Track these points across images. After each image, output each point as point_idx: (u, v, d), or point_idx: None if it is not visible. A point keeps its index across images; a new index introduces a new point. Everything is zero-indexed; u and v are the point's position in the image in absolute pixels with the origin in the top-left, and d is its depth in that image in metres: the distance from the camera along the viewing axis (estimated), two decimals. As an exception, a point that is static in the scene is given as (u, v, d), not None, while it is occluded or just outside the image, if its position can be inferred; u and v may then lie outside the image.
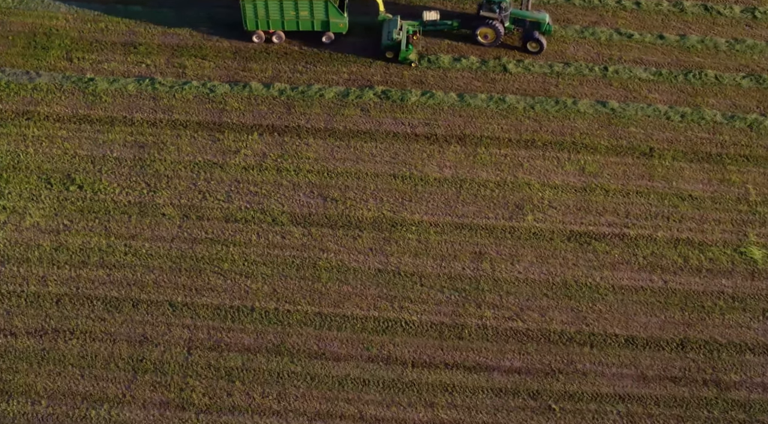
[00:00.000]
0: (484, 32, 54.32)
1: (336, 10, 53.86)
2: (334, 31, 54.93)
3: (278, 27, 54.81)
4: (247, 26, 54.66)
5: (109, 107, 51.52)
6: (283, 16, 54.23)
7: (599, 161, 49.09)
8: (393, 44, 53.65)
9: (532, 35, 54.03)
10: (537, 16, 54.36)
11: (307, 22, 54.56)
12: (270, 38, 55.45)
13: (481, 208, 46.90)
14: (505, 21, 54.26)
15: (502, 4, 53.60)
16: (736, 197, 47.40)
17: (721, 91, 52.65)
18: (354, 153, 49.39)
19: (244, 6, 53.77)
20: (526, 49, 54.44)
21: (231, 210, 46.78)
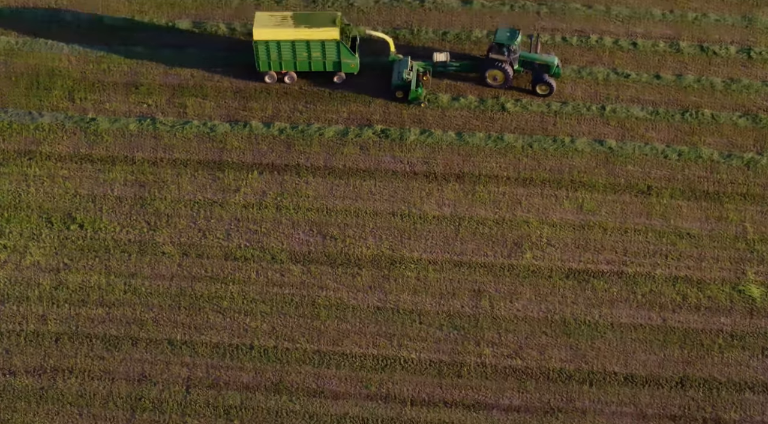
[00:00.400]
0: (494, 74, 54.64)
1: (348, 51, 54.37)
2: (345, 72, 55.40)
3: (290, 68, 55.29)
4: (260, 67, 55.14)
5: (110, 146, 51.93)
6: (296, 57, 54.73)
7: (597, 199, 49.34)
8: (403, 84, 54.09)
9: (542, 78, 54.29)
10: (546, 59, 54.69)
11: (319, 63, 55.06)
12: (282, 79, 55.91)
13: (480, 246, 47.07)
14: (514, 63, 54.55)
15: (512, 47, 53.95)
16: (734, 235, 47.56)
17: (718, 129, 53.04)
18: (353, 191, 49.68)
19: (257, 47, 54.29)
20: (536, 92, 54.67)
21: (230, 248, 46.97)
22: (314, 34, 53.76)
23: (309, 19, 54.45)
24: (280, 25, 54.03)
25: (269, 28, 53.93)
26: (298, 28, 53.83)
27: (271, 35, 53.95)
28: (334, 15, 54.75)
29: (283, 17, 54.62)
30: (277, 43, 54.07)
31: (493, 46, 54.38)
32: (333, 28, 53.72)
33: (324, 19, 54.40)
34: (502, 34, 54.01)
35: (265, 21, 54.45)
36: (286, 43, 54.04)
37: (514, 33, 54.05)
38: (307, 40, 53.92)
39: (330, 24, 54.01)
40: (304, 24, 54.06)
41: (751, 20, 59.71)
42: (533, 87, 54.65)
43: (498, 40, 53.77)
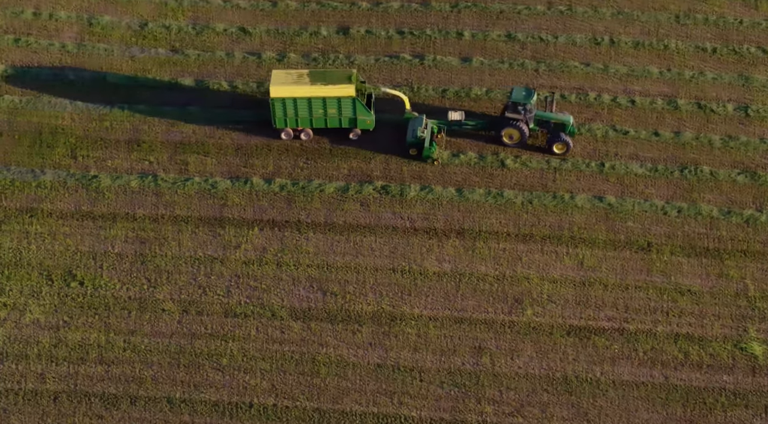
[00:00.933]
0: (509, 133, 54.80)
1: (363, 108, 54.84)
2: (361, 128, 55.84)
3: (306, 124, 55.71)
4: (276, 124, 55.56)
5: (111, 203, 52.13)
6: (312, 114, 55.16)
7: (598, 255, 49.37)
8: (417, 142, 54.37)
9: (559, 137, 54.41)
10: (562, 118, 54.87)
11: (335, 120, 55.48)
12: (298, 135, 56.32)
13: (481, 302, 46.99)
14: (529, 122, 54.76)
15: (527, 106, 54.24)
16: (735, 292, 47.49)
17: (717, 186, 53.27)
18: (353, 247, 49.75)
19: (273, 104, 54.75)
20: (552, 150, 54.74)
21: (230, 305, 46.89)
22: (330, 91, 54.23)
23: (325, 77, 54.93)
24: (297, 83, 54.50)
25: (286, 86, 54.40)
26: (314, 85, 54.29)
27: (287, 92, 54.40)
28: (349, 72, 55.24)
29: (299, 75, 55.12)
30: (294, 100, 54.52)
31: (509, 105, 54.45)
32: (349, 85, 54.21)
33: (340, 77, 54.87)
34: (517, 93, 54.26)
35: (281, 78, 54.94)
36: (303, 100, 54.49)
37: (529, 92, 54.33)
38: (324, 97, 54.37)
39: (346, 81, 54.50)
40: (321, 81, 54.54)
41: (747, 79, 60.32)
42: (549, 146, 54.70)
43: (514, 99, 53.98)
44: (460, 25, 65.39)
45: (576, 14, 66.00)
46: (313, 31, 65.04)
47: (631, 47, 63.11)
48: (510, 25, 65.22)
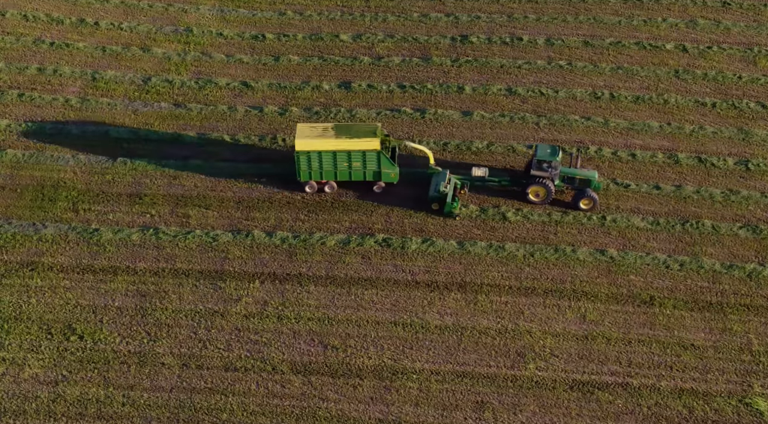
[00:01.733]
0: (536, 191, 54.69)
1: (388, 161, 54.95)
2: (385, 181, 55.91)
3: (331, 177, 55.81)
4: (301, 177, 55.65)
5: (112, 257, 52.04)
6: (336, 167, 55.27)
7: (600, 309, 49.13)
8: (439, 197, 54.27)
9: (585, 193, 54.29)
10: (587, 174, 54.80)
11: (360, 173, 55.60)
12: (322, 188, 56.40)
13: (483, 357, 46.63)
14: (555, 179, 54.75)
15: (553, 163, 54.29)
16: (738, 347, 47.15)
17: (719, 240, 53.20)
18: (355, 300, 49.53)
19: (298, 158, 54.86)
20: (579, 206, 54.56)
21: (231, 359, 46.53)
22: (355, 145, 54.39)
23: (350, 130, 55.09)
24: (322, 136, 54.64)
25: (311, 139, 54.54)
26: (339, 139, 54.43)
27: (312, 146, 54.55)
28: (374, 126, 55.39)
29: (324, 128, 55.29)
30: (319, 154, 54.64)
31: (534, 162, 54.25)
32: (374, 139, 54.33)
33: (365, 130, 55.03)
34: (542, 151, 54.15)
35: (306, 132, 55.12)
36: (328, 153, 54.61)
37: (554, 149, 54.27)
38: (349, 150, 54.51)
39: (371, 135, 54.62)
40: (346, 135, 54.69)
41: (747, 133, 60.64)
42: (576, 202, 54.58)
43: (540, 157, 53.84)
44: (461, 79, 65.97)
45: (576, 69, 66.61)
46: (315, 86, 65.61)
47: (631, 102, 63.56)
48: (510, 80, 65.81)
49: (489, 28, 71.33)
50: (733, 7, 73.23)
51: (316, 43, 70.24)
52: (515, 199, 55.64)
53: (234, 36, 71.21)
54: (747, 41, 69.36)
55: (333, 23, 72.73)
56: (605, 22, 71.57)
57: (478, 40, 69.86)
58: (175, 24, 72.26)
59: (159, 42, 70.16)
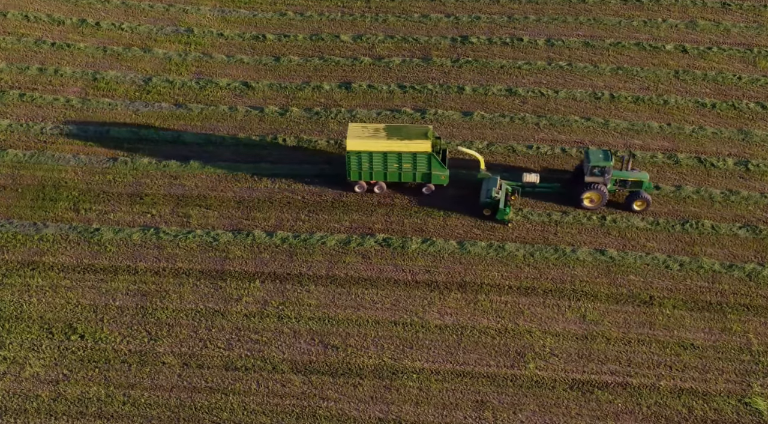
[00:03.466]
0: (590, 197, 54.52)
1: (439, 164, 54.88)
2: (435, 183, 55.87)
3: (380, 178, 55.87)
4: (351, 177, 55.76)
5: (113, 257, 52.12)
6: (387, 168, 55.30)
7: (600, 309, 49.20)
8: (491, 203, 53.98)
9: (639, 194, 54.30)
10: (639, 176, 54.77)
11: (410, 175, 55.56)
12: (372, 188, 56.48)
13: (483, 356, 46.70)
14: (607, 183, 54.59)
15: (606, 168, 54.09)
16: (738, 347, 47.21)
17: (719, 241, 53.27)
18: (355, 300, 49.60)
19: (349, 158, 54.96)
20: (632, 208, 54.58)
21: (231, 358, 46.61)
22: (407, 146, 54.39)
23: (401, 132, 55.08)
24: (373, 137, 54.71)
25: (362, 140, 54.61)
26: (390, 140, 54.44)
27: (363, 146, 54.63)
28: (426, 128, 55.34)
29: (375, 129, 55.35)
30: (369, 154, 54.73)
31: (588, 168, 54.02)
32: (425, 141, 54.29)
33: (416, 132, 54.99)
34: (595, 156, 53.98)
35: (357, 132, 55.21)
36: (378, 154, 54.70)
37: (606, 154, 54.09)
38: (400, 151, 54.54)
39: (422, 137, 54.58)
40: (397, 136, 54.69)
41: (747, 134, 60.74)
42: (629, 204, 54.60)
43: (594, 163, 53.66)
44: (461, 80, 66.08)
45: (576, 70, 66.72)
46: (316, 86, 65.72)
47: (631, 102, 63.67)
48: (510, 80, 65.93)
49: (489, 29, 71.46)
50: (732, 8, 73.35)
51: (316, 44, 70.38)
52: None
53: (235, 36, 71.34)
54: (747, 42, 69.48)
55: (333, 24, 72.85)
56: (605, 23, 71.69)
57: (479, 41, 69.99)
58: (175, 24, 72.39)
59: (160, 42, 70.28)
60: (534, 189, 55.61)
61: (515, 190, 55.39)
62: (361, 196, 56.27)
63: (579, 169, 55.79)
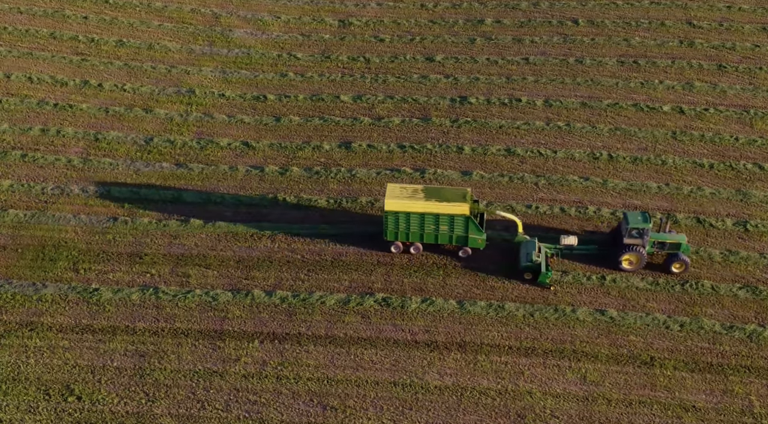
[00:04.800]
0: (629, 259, 54.49)
1: (476, 227, 54.84)
2: (471, 247, 55.77)
3: (417, 239, 55.80)
4: (387, 236, 55.75)
5: (112, 317, 51.97)
6: (423, 229, 55.28)
7: (600, 370, 48.92)
8: (533, 266, 53.84)
9: (678, 256, 54.24)
10: (677, 238, 54.74)
11: (446, 237, 55.49)
12: (408, 249, 56.46)
13: (483, 418, 46.30)
14: (646, 245, 54.50)
15: (645, 229, 54.19)
16: (740, 409, 46.83)
17: (719, 301, 53.18)
18: (354, 360, 49.34)
19: (386, 218, 55.01)
20: (670, 270, 54.51)
21: (229, 420, 46.19)
22: (444, 209, 54.43)
23: (439, 194, 55.13)
24: (411, 198, 54.79)
25: (400, 200, 54.72)
26: (428, 202, 54.48)
27: (401, 207, 54.68)
28: (464, 191, 55.45)
29: (413, 190, 55.46)
30: (407, 215, 54.79)
31: (626, 230, 53.94)
32: (463, 204, 54.34)
33: (454, 195, 55.07)
34: (634, 219, 53.98)
35: (396, 193, 55.33)
36: (416, 215, 54.74)
37: (645, 216, 54.14)
38: (437, 213, 54.56)
39: (461, 199, 54.66)
40: (435, 198, 54.75)
41: (745, 194, 61.01)
42: (668, 266, 54.56)
43: (633, 225, 53.65)
44: (460, 140, 66.59)
45: (574, 130, 67.27)
46: (316, 146, 66.20)
47: (629, 162, 64.06)
48: (509, 140, 66.43)
49: (488, 90, 72.21)
50: (728, 70, 74.21)
51: (316, 104, 71.05)
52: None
53: (236, 97, 72.07)
54: (743, 103, 70.16)
55: (334, 85, 73.64)
56: (603, 84, 72.46)
57: (477, 101, 70.68)
58: (177, 85, 73.16)
59: (161, 103, 70.95)
60: (572, 252, 55.48)
61: (554, 253, 55.24)
62: (360, 256, 56.33)
63: (616, 231, 55.79)
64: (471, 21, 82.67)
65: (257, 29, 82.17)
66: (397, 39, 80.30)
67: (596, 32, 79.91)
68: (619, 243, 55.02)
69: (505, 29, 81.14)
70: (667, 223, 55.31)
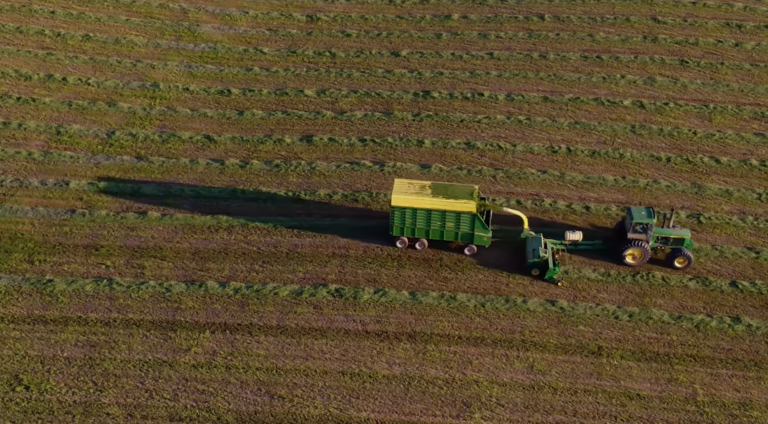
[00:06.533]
0: (633, 253, 54.69)
1: (482, 225, 54.87)
2: (477, 244, 55.79)
3: (422, 235, 55.83)
4: (393, 232, 55.80)
5: (64, 308, 52.10)
6: (430, 225, 55.29)
7: (548, 359, 49.24)
8: (540, 262, 53.98)
9: (681, 252, 54.49)
10: (681, 233, 54.96)
11: (452, 233, 55.48)
12: (413, 245, 56.51)
13: (429, 406, 46.59)
14: (650, 240, 54.81)
15: (649, 225, 54.32)
16: (683, 397, 47.21)
17: (669, 292, 53.57)
18: (304, 350, 49.59)
19: (393, 213, 55.07)
20: (673, 265, 54.69)
21: (176, 409, 46.39)
22: (451, 205, 54.47)
23: (447, 190, 55.23)
24: (419, 194, 54.85)
25: (407, 195, 54.76)
26: (435, 198, 54.56)
27: (408, 202, 54.73)
28: (471, 188, 55.51)
29: (421, 186, 55.54)
30: (414, 211, 54.82)
31: (630, 226, 54.28)
32: (470, 201, 54.38)
33: (462, 192, 55.12)
34: (638, 214, 54.29)
35: (403, 188, 55.39)
36: (423, 211, 54.77)
37: (649, 212, 54.44)
38: (444, 210, 54.59)
39: (468, 197, 54.70)
40: (442, 194, 54.82)
41: (700, 187, 61.43)
42: (671, 261, 54.78)
43: (637, 220, 53.99)
44: (422, 133, 66.89)
45: (534, 124, 67.64)
46: (277, 139, 66.43)
47: (587, 156, 64.46)
48: (470, 134, 66.76)
49: (451, 84, 72.55)
50: (690, 65, 74.67)
51: (280, 98, 71.31)
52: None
53: (200, 91, 72.26)
54: (703, 98, 70.62)
55: (298, 79, 73.89)
56: (565, 79, 72.87)
57: (440, 95, 71.01)
58: (142, 79, 73.33)
59: (125, 97, 71.11)
60: (577, 247, 55.74)
61: (560, 248, 55.46)
62: (316, 248, 56.58)
63: (621, 226, 56.06)
64: (438, 16, 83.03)
65: (225, 24, 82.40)
66: (364, 34, 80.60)
67: (561, 27, 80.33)
68: (622, 238, 55.27)
69: (472, 24, 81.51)
70: (671, 218, 55.48)
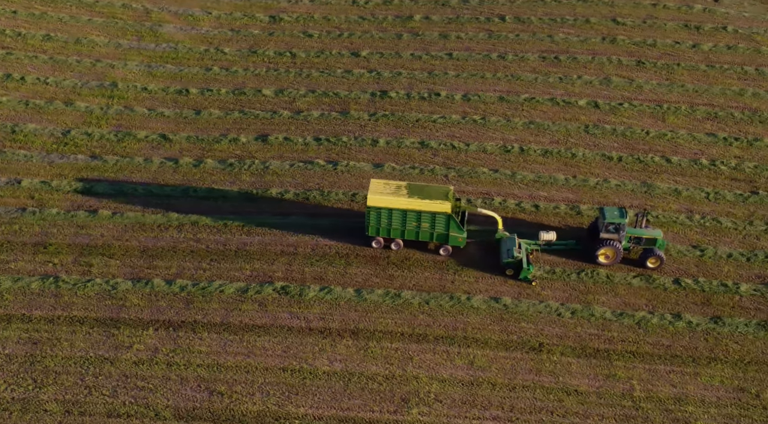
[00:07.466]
0: (606, 253, 54.93)
1: (457, 226, 54.97)
2: (452, 245, 55.88)
3: (398, 235, 55.89)
4: (369, 232, 55.88)
5: (9, 305, 52.12)
6: (405, 225, 55.36)
7: (489, 356, 49.51)
8: (514, 262, 54.17)
9: (653, 252, 54.68)
10: (653, 234, 55.24)
11: (427, 234, 55.56)
12: (389, 245, 56.62)
13: (367, 402, 46.79)
14: (622, 240, 55.03)
15: (621, 225, 54.52)
16: (620, 393, 47.53)
17: (612, 289, 53.92)
18: (246, 347, 49.74)
19: (368, 213, 55.15)
20: (646, 265, 54.90)
21: (115, 405, 46.47)
22: (426, 206, 54.58)
23: (422, 191, 55.36)
24: (394, 194, 54.96)
25: (383, 196, 54.87)
26: (411, 198, 54.67)
27: (384, 203, 54.84)
28: (447, 189, 55.68)
29: (397, 186, 55.65)
30: (389, 211, 54.92)
31: (603, 225, 54.48)
32: (445, 202, 54.51)
33: (437, 192, 55.26)
34: (611, 214, 54.51)
35: (379, 188, 55.51)
36: (398, 211, 54.87)
37: (622, 212, 54.65)
38: (419, 210, 54.67)
39: (443, 197, 54.83)
40: (418, 195, 54.93)
41: (650, 186, 61.83)
42: (643, 261, 54.98)
43: (609, 220, 54.19)
44: (377, 133, 67.17)
45: (489, 123, 67.98)
46: (233, 138, 66.61)
47: (539, 155, 64.80)
48: (425, 134, 67.05)
49: (409, 84, 72.87)
50: (646, 66, 75.14)
51: (238, 98, 71.51)
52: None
53: (158, 90, 72.40)
54: (657, 98, 71.07)
55: (257, 79, 74.11)
56: (522, 79, 73.25)
57: (397, 95, 71.30)
58: (101, 79, 73.43)
59: (83, 96, 71.21)
60: (551, 247, 55.99)
61: (534, 249, 55.68)
62: (265, 246, 56.76)
63: (594, 226, 56.34)
64: (400, 17, 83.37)
65: (187, 24, 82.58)
66: (325, 35, 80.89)
67: (522, 29, 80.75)
68: (595, 237, 55.57)
69: (433, 25, 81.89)
70: (643, 219, 55.76)
